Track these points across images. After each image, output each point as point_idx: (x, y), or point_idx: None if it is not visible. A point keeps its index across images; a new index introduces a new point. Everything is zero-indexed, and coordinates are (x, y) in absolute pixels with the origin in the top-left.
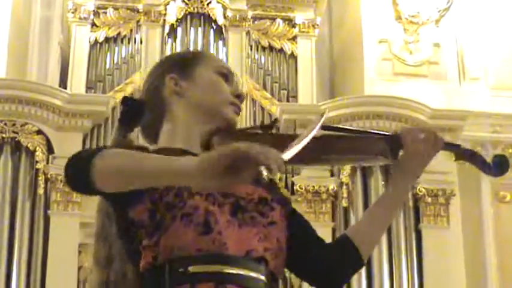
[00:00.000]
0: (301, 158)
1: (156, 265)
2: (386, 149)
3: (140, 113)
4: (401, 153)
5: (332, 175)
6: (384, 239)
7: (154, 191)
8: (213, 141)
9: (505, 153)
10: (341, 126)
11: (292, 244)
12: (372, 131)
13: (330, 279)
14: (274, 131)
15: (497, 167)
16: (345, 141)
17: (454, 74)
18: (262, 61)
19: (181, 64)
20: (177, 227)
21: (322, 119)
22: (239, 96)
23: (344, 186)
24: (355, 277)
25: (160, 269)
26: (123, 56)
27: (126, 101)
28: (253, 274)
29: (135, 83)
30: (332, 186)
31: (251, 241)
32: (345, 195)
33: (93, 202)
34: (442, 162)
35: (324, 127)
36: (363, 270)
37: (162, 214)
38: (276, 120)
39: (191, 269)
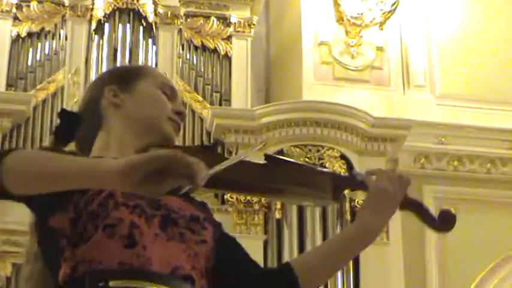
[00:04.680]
0: (239, 184)
1: (75, 277)
2: (329, 188)
3: (76, 126)
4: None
5: None
6: None
7: (79, 198)
8: None
9: (451, 165)
10: (286, 158)
11: (226, 267)
12: (319, 168)
13: None
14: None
15: (444, 222)
16: (291, 169)
17: (398, 81)
18: (195, 61)
19: (123, 76)
20: (100, 238)
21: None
22: (180, 114)
23: None
24: None
25: (79, 281)
26: (46, 52)
27: (63, 113)
28: None
29: (59, 81)
30: None
31: (179, 257)
32: (279, 206)
33: (12, 208)
34: None
35: (267, 157)
36: None
37: (84, 224)
38: (217, 142)
39: (112, 283)
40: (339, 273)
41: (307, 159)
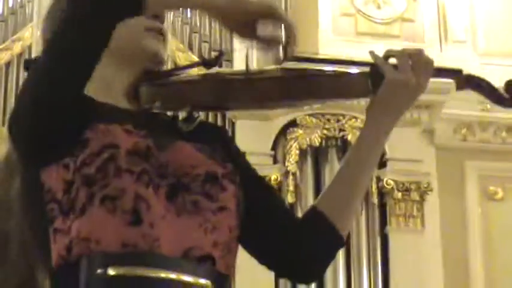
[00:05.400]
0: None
1: (69, 262)
2: (368, 85)
3: None
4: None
5: (275, 162)
6: None
7: (77, 155)
8: (141, 92)
9: (498, 137)
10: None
11: (254, 223)
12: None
13: (306, 268)
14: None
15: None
16: (324, 79)
17: (433, 36)
18: (189, 15)
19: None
20: (97, 212)
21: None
22: (156, 17)
23: (290, 177)
24: None
25: (73, 267)
26: (10, 5)
27: (28, 64)
28: (188, 278)
29: (25, 40)
30: (275, 176)
31: (193, 235)
32: (291, 188)
33: None
34: (417, 147)
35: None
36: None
37: (77, 189)
38: (221, 53)
39: (111, 271)
40: (365, 267)
41: (325, 131)
